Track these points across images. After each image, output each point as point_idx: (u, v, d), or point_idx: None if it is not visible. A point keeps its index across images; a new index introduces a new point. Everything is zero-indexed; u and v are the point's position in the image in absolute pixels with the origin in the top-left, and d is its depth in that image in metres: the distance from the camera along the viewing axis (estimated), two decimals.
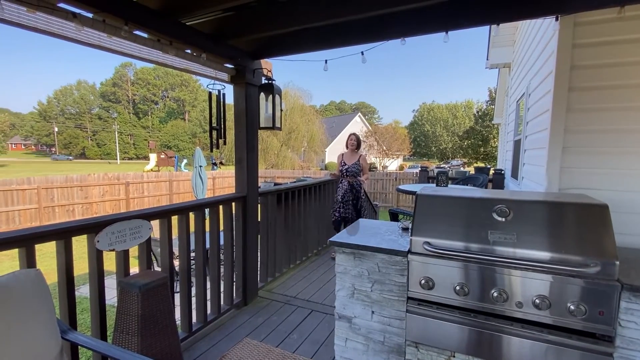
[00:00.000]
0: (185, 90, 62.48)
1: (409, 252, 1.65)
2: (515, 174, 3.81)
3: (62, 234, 1.67)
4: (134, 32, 2.02)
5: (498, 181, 5.00)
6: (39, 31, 1.61)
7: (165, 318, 1.88)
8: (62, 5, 1.70)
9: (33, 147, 67.30)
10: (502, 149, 6.87)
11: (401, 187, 4.22)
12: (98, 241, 1.78)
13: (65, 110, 58.32)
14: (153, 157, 31.88)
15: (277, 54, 2.82)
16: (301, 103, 26.57)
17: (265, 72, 2.98)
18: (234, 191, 3.06)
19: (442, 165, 34.17)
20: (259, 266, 3.38)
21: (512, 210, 1.51)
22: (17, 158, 55.75)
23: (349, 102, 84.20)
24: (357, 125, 37.01)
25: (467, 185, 5.07)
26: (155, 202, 13.73)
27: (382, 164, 32.10)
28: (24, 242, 1.53)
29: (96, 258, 1.82)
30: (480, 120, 34.95)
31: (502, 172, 5.10)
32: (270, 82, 2.95)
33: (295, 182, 4.65)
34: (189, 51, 2.43)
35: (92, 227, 1.78)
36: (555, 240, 1.41)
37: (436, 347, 1.61)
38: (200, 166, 7.81)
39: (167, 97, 63.52)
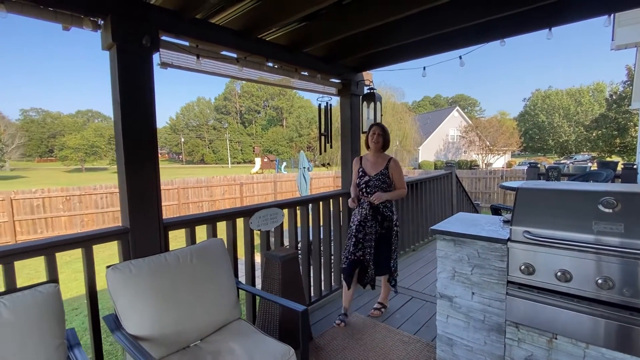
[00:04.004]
0: (283, 99, 67.79)
1: (509, 240, 1.81)
2: None
3: (230, 216, 2.35)
4: (267, 64, 2.64)
5: (628, 177, 4.31)
6: (216, 74, 2.30)
7: (297, 284, 2.42)
8: (224, 53, 2.39)
9: (166, 155, 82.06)
10: None
11: (504, 183, 4.08)
12: (251, 222, 2.42)
13: (188, 123, 69.53)
14: (258, 160, 35.74)
15: (378, 66, 3.18)
16: (393, 102, 26.26)
17: (367, 82, 3.37)
18: (327, 191, 3.54)
19: (562, 161, 29.42)
20: None
21: (620, 202, 1.54)
22: None
23: (445, 95, 79.00)
24: (455, 120, 34.65)
25: (587, 182, 4.52)
26: (263, 200, 15.55)
27: (485, 162, 29.35)
28: (210, 220, 2.24)
29: (250, 235, 2.47)
30: (615, 105, 28.94)
31: (635, 166, 4.38)
32: (371, 91, 3.32)
33: None
34: (305, 73, 2.98)
35: (247, 213, 2.43)
36: None
37: (537, 328, 1.73)
38: (304, 167, 8.69)
39: (268, 106, 69.98)
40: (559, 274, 1.64)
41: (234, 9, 2.11)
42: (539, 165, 5.77)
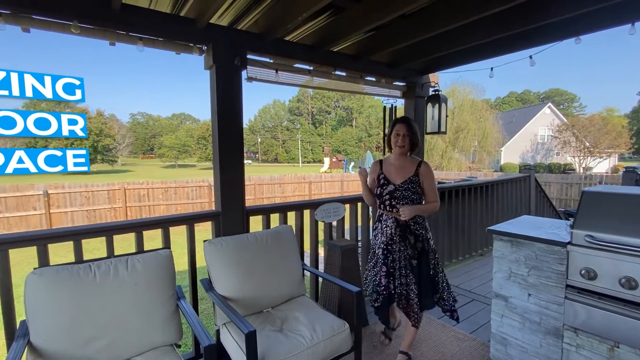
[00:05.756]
0: (353, 99, 68.09)
1: (569, 243, 1.78)
2: None
3: (299, 207, 2.70)
4: (335, 72, 2.90)
5: None
6: (291, 85, 2.66)
7: (354, 272, 2.65)
8: (297, 65, 2.72)
9: (245, 154, 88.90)
10: None
11: (587, 189, 3.71)
12: (316, 214, 2.72)
13: (265, 124, 74.26)
14: (327, 160, 36.63)
15: (445, 68, 3.22)
16: (471, 99, 24.57)
17: (432, 84, 3.43)
18: None
19: None
20: None
21: None
22: None
23: (536, 90, 70.61)
24: (546, 118, 30.95)
25: None
26: None
27: (584, 165, 25.61)
28: (282, 209, 2.62)
29: (315, 226, 2.78)
30: None
31: None
32: (436, 92, 3.37)
33: (459, 181, 4.81)
34: (370, 78, 3.18)
35: (313, 205, 2.74)
36: None
37: (597, 335, 1.68)
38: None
39: (338, 106, 71.07)
40: (623, 280, 1.59)
41: (306, 27, 2.43)
42: (638, 170, 5.01)
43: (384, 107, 3.54)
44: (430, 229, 2.34)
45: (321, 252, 3.54)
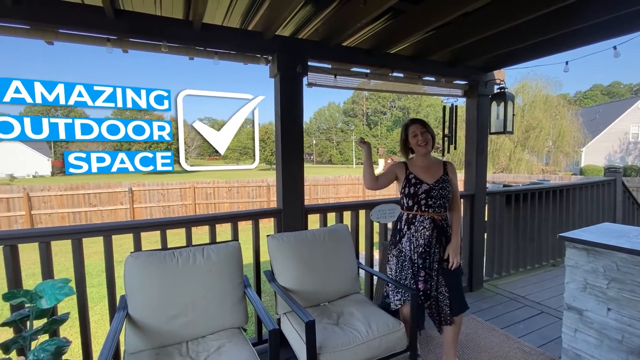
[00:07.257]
0: (410, 98, 66.06)
1: None
2: None
3: (355, 207, 2.77)
4: (392, 74, 2.91)
5: None
6: (349, 88, 2.75)
7: None
8: (354, 69, 2.80)
9: None
10: None
11: None
12: (371, 214, 2.77)
13: (320, 126, 75.52)
14: (381, 162, 36.03)
15: (510, 64, 3.05)
16: (545, 94, 22.24)
17: (497, 81, 3.25)
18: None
19: None
20: (484, 261, 3.65)
21: None
22: None
23: (628, 82, 61.49)
24: (638, 114, 26.88)
25: None
26: None
27: None
28: (339, 209, 2.71)
29: (370, 226, 2.82)
30: None
31: None
32: (502, 90, 3.20)
33: (528, 184, 4.45)
34: (429, 78, 3.13)
35: (368, 206, 2.79)
36: None
37: None
38: None
39: (394, 107, 69.54)
40: None
41: (364, 31, 2.49)
42: None
43: (444, 107, 3.44)
44: (495, 233, 2.20)
45: (376, 254, 3.56)
